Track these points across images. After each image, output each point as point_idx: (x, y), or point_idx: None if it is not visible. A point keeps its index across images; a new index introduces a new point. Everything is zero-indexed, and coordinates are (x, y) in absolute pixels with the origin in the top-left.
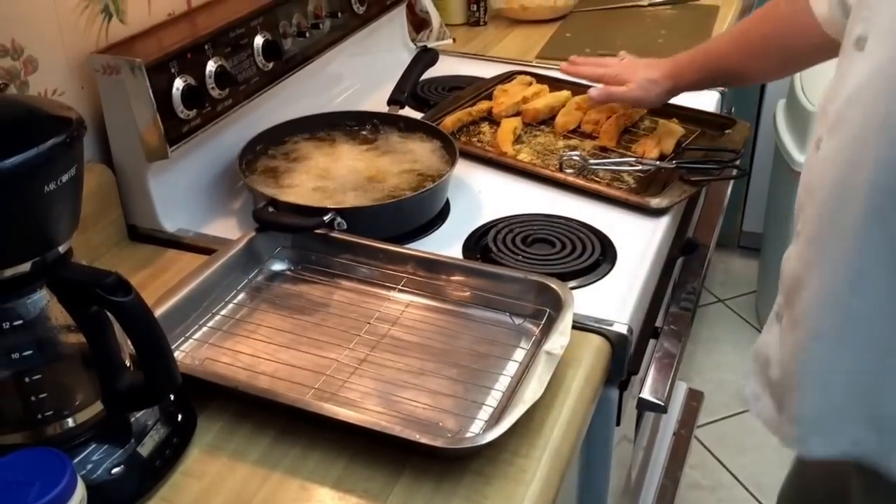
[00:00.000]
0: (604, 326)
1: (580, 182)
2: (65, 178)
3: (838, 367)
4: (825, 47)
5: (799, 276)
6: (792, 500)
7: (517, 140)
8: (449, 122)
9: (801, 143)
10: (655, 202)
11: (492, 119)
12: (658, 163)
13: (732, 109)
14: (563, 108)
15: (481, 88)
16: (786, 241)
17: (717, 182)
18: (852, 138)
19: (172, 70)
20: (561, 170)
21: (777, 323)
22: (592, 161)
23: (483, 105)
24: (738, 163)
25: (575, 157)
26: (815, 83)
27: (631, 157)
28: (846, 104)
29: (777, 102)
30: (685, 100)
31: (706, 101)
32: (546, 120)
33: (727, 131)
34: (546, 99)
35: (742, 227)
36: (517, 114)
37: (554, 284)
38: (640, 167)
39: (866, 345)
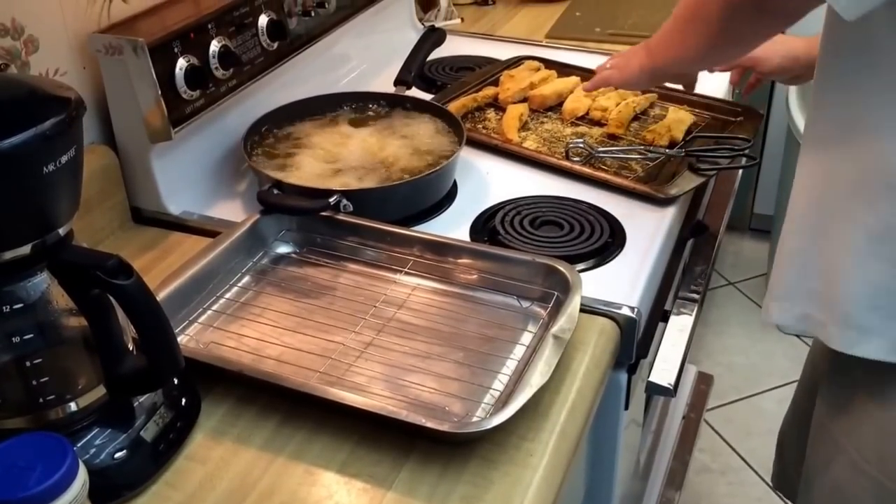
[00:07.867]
0: (612, 310)
1: (586, 170)
2: (64, 158)
3: (793, 253)
4: None
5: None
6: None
7: (523, 127)
8: (454, 108)
9: None
10: (663, 192)
11: (498, 105)
12: (667, 151)
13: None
14: (572, 95)
15: (487, 74)
16: None
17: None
18: None
19: (175, 50)
20: (567, 158)
21: None
22: (600, 149)
23: (489, 91)
24: (748, 151)
25: (580, 146)
26: None
27: (640, 144)
28: None
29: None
30: (696, 86)
31: (717, 87)
32: (554, 106)
33: (738, 119)
34: (554, 85)
35: (753, 209)
36: (524, 100)
37: (562, 267)
38: (648, 155)
39: (808, 232)
